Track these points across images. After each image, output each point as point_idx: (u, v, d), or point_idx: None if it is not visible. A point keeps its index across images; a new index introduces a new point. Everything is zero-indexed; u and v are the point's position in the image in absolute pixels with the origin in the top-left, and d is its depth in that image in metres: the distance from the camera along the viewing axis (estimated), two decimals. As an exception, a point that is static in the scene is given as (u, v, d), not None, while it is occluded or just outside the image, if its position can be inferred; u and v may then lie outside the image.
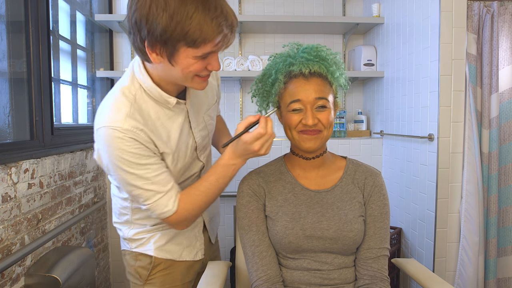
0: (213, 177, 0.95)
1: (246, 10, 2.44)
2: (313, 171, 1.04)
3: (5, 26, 1.30)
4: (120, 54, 2.38)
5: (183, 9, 0.72)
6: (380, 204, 1.00)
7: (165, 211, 0.93)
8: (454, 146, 1.62)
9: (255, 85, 1.07)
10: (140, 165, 0.88)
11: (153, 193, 0.91)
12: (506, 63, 1.67)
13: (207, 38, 0.76)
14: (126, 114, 0.87)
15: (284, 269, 1.00)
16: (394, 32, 2.05)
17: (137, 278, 1.12)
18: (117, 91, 0.91)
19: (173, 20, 0.73)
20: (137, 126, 0.87)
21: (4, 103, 1.30)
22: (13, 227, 1.18)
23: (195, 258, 1.17)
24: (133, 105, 0.89)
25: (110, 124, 0.85)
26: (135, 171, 0.88)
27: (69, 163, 1.60)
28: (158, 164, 0.91)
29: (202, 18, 0.73)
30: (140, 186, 0.90)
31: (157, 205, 0.92)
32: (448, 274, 1.68)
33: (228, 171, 0.94)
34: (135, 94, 0.90)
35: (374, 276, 0.96)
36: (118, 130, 0.85)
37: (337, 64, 0.99)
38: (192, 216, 0.98)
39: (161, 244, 1.11)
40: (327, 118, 0.94)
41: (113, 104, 0.88)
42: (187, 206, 0.95)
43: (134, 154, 0.87)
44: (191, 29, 0.73)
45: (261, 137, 0.87)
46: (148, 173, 0.89)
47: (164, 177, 0.92)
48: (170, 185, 0.93)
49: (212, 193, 0.96)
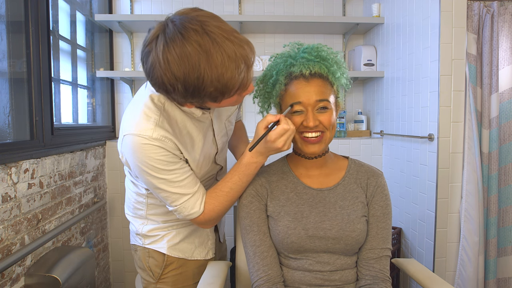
0: (237, 176, 0.96)
1: (246, 10, 2.44)
2: (315, 170, 1.04)
3: (5, 26, 1.29)
4: (120, 54, 2.37)
5: (192, 77, 0.71)
6: (383, 205, 1.00)
7: (192, 212, 0.95)
8: (454, 146, 1.62)
9: (256, 86, 1.06)
10: (167, 171, 0.89)
11: (180, 195, 0.93)
12: (506, 63, 1.67)
13: (226, 93, 0.76)
14: (155, 123, 0.87)
15: (285, 269, 0.99)
16: (394, 32, 2.05)
17: (150, 276, 1.13)
18: (146, 98, 0.91)
19: (187, 90, 0.73)
20: (166, 135, 0.88)
21: (4, 103, 1.30)
22: (13, 227, 1.18)
23: (206, 257, 1.18)
24: (162, 113, 0.89)
25: (139, 133, 0.85)
26: (163, 176, 0.89)
27: (69, 163, 1.60)
28: (184, 168, 0.93)
29: (213, 79, 0.72)
30: (168, 190, 0.91)
31: (184, 207, 0.94)
32: (448, 274, 1.68)
33: (250, 169, 0.96)
34: (164, 103, 0.90)
35: (376, 277, 0.96)
36: (146, 139, 0.85)
37: (338, 63, 0.99)
38: (218, 216, 1.01)
39: (174, 242, 1.12)
40: (328, 120, 0.94)
41: (142, 111, 0.88)
42: (213, 207, 0.97)
43: (162, 161, 0.87)
44: (207, 92, 0.74)
45: (285, 133, 0.88)
46: (176, 177, 0.91)
47: (190, 180, 0.94)
48: (196, 187, 0.95)
49: (236, 192, 0.98)
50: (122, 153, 0.92)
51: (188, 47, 0.69)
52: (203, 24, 0.71)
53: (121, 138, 0.90)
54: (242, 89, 0.79)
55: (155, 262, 1.12)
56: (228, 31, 0.73)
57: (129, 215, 1.17)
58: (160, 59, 0.70)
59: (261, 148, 0.92)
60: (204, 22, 0.71)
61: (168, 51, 0.70)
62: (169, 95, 0.77)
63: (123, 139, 0.89)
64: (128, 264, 2.20)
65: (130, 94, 2.36)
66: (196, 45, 0.69)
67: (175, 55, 0.69)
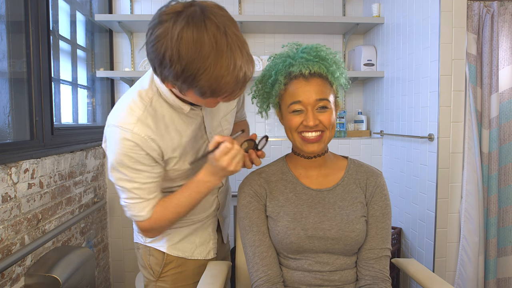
0: (187, 192, 0.96)
1: (246, 10, 2.44)
2: (314, 170, 1.04)
3: (5, 26, 1.30)
4: (120, 54, 2.37)
5: (195, 65, 0.71)
6: (382, 205, 1.00)
7: (139, 215, 0.95)
8: (454, 146, 1.62)
9: (255, 86, 1.07)
10: (134, 170, 0.90)
11: (135, 196, 0.93)
12: (506, 63, 1.67)
13: (215, 94, 0.76)
14: (138, 118, 0.88)
15: (284, 269, 0.99)
16: (394, 32, 2.05)
17: (151, 274, 1.14)
18: (134, 93, 0.93)
19: (183, 74, 0.73)
20: (146, 132, 0.89)
21: (4, 103, 1.30)
22: (13, 227, 1.18)
23: (207, 257, 1.18)
24: (147, 108, 0.90)
25: (121, 125, 0.87)
26: (128, 173, 0.90)
27: (69, 163, 1.60)
28: (151, 173, 0.93)
29: (212, 76, 0.72)
30: (126, 187, 0.92)
31: (133, 207, 0.94)
32: (448, 274, 1.68)
33: (201, 188, 0.95)
34: (152, 98, 0.92)
35: (375, 277, 0.96)
36: (127, 132, 0.87)
37: (337, 63, 0.99)
38: (161, 227, 1.00)
39: (174, 242, 1.13)
40: (328, 119, 0.94)
41: (128, 105, 0.90)
42: (159, 216, 0.97)
43: (131, 158, 0.88)
44: (199, 84, 0.74)
45: (228, 151, 0.88)
46: (139, 178, 0.91)
47: (151, 186, 0.94)
48: (153, 195, 0.96)
49: (183, 208, 0.97)
50: (105, 142, 0.94)
51: (206, 36, 0.70)
52: (225, 25, 0.73)
53: (106, 127, 0.93)
54: (229, 98, 0.80)
55: (155, 260, 1.13)
56: (243, 42, 0.76)
57: None
58: (174, 33, 0.71)
59: (210, 167, 0.92)
60: (227, 25, 0.73)
61: (187, 30, 0.70)
62: (160, 68, 0.76)
63: (107, 128, 0.91)
64: (128, 264, 2.20)
65: (130, 94, 2.36)
66: (213, 39, 0.71)
67: (191, 37, 0.70)
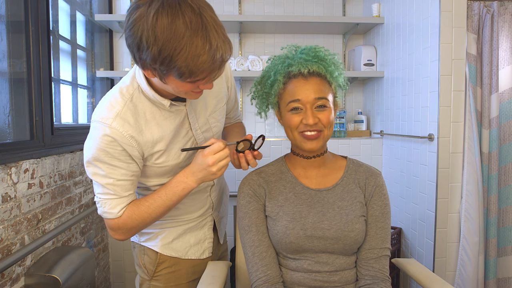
0: (163, 191, 0.96)
1: (246, 10, 2.44)
2: (314, 170, 1.04)
3: (5, 26, 1.30)
4: (120, 54, 2.38)
5: (171, 45, 0.72)
6: (381, 204, 1.01)
7: (110, 212, 0.94)
8: (454, 146, 1.62)
9: (254, 87, 1.07)
10: (109, 165, 0.90)
11: (109, 192, 0.93)
12: (506, 63, 1.67)
13: (193, 74, 0.76)
14: (117, 113, 0.89)
15: (284, 269, 0.99)
16: (394, 32, 2.05)
17: (145, 273, 1.14)
18: (116, 89, 0.94)
19: (160, 55, 0.73)
20: (124, 127, 0.89)
21: (4, 103, 1.30)
22: (13, 227, 1.18)
23: (201, 257, 1.18)
24: (127, 104, 0.91)
25: (101, 120, 0.89)
26: (103, 168, 0.90)
27: (69, 163, 1.60)
28: (126, 170, 0.93)
29: (189, 56, 0.73)
30: (101, 182, 0.92)
31: (105, 203, 0.94)
32: (448, 274, 1.68)
33: (177, 188, 0.95)
34: (132, 94, 0.92)
35: (375, 276, 0.96)
36: (105, 126, 0.88)
37: (336, 64, 0.99)
38: (132, 228, 0.97)
39: (167, 241, 1.13)
40: (327, 118, 0.94)
41: (109, 101, 0.91)
42: (131, 214, 0.95)
43: (108, 153, 0.89)
44: (177, 65, 0.74)
45: (219, 151, 0.89)
46: (114, 174, 0.91)
47: (125, 184, 0.94)
48: (127, 193, 0.95)
49: (157, 208, 0.96)
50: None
51: (181, 17, 0.72)
52: (200, 8, 0.74)
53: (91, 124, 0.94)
54: (208, 80, 0.80)
55: (149, 260, 1.13)
56: (219, 24, 0.76)
57: None
58: (149, 16, 0.72)
59: (195, 165, 0.93)
60: (202, 7, 0.75)
61: (161, 13, 0.72)
62: (139, 53, 0.76)
63: (91, 124, 0.93)
64: (128, 264, 2.20)
65: (130, 94, 2.36)
66: (188, 20, 0.72)
67: (166, 19, 0.72)
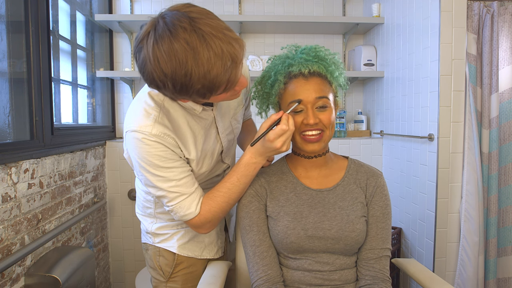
0: (235, 177, 0.96)
1: (246, 10, 2.44)
2: (315, 170, 1.04)
3: (5, 26, 1.29)
4: (120, 54, 2.37)
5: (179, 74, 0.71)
6: (382, 205, 1.01)
7: (188, 213, 0.94)
8: (454, 146, 1.62)
9: (254, 87, 1.07)
10: (165, 168, 0.90)
11: (177, 195, 0.92)
12: (506, 63, 1.67)
13: (213, 90, 0.76)
14: (155, 119, 0.88)
15: (285, 269, 1.00)
16: (394, 32, 2.05)
17: (160, 275, 1.14)
18: (146, 95, 0.93)
19: (175, 87, 0.74)
20: (165, 132, 0.89)
21: (4, 103, 1.30)
22: (13, 227, 1.18)
23: (215, 256, 1.19)
24: (162, 109, 0.91)
25: (139, 129, 0.87)
26: (161, 173, 0.90)
27: (69, 163, 1.60)
28: (183, 167, 0.93)
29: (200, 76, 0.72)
30: (164, 188, 0.91)
31: (180, 207, 0.94)
32: (448, 274, 1.68)
33: (249, 170, 0.95)
34: (164, 100, 0.92)
35: (375, 277, 0.96)
36: (146, 135, 0.87)
37: (336, 64, 1.00)
38: (215, 218, 0.99)
39: (184, 241, 1.13)
40: (328, 118, 0.94)
41: (143, 108, 0.90)
42: (209, 208, 0.96)
43: (161, 157, 0.88)
44: (194, 89, 0.74)
45: (283, 133, 0.88)
46: (174, 175, 0.91)
47: (188, 180, 0.94)
48: (194, 187, 0.95)
49: (234, 194, 0.97)
50: (127, 150, 0.94)
51: (176, 44, 0.70)
52: (192, 21, 0.72)
53: (124, 135, 0.92)
54: (231, 85, 0.79)
55: (166, 261, 1.12)
56: (217, 28, 0.73)
57: (139, 214, 1.19)
58: (150, 56, 0.72)
59: (260, 147, 0.93)
60: (194, 19, 0.72)
61: (158, 48, 0.71)
62: (160, 90, 0.78)
63: (125, 135, 0.91)
64: (128, 264, 2.20)
65: (130, 94, 2.36)
66: (184, 43, 0.70)
67: (164, 52, 0.71)
